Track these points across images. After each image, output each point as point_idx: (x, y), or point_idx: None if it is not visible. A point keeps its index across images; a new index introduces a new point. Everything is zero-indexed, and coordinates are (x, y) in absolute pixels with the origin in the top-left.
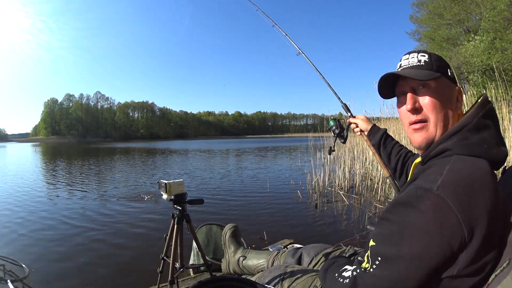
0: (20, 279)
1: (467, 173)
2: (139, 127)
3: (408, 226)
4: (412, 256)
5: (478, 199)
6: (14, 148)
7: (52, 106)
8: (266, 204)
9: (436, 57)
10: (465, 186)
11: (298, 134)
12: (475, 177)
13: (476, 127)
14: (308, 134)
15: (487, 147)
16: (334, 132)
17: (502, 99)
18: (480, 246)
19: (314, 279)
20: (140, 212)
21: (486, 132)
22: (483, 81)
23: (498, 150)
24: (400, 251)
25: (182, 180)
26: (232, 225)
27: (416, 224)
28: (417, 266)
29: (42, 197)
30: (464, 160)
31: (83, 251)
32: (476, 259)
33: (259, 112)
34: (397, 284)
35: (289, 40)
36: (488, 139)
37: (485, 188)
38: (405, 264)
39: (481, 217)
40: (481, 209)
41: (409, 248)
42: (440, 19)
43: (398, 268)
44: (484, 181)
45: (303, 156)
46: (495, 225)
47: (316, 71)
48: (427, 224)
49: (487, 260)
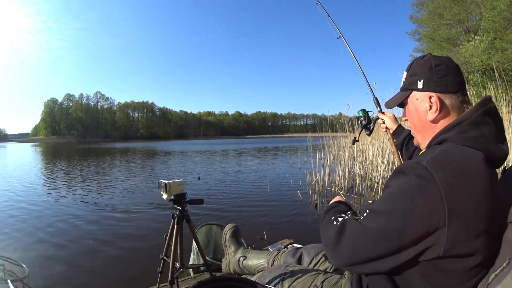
0: (20, 279)
1: (457, 156)
2: (139, 127)
3: (396, 188)
4: (394, 214)
5: (464, 181)
6: (14, 148)
7: (52, 106)
8: (266, 204)
9: (411, 71)
10: (453, 166)
11: (298, 134)
12: (465, 161)
13: (474, 123)
14: (307, 134)
15: (484, 141)
16: (361, 122)
17: (502, 99)
18: (465, 228)
19: (315, 278)
20: (140, 212)
21: (485, 129)
22: (483, 81)
23: (496, 146)
24: (386, 207)
25: (182, 180)
26: (233, 225)
27: (403, 188)
28: (397, 223)
29: (42, 197)
30: (457, 147)
31: (82, 251)
32: (461, 242)
33: (259, 112)
34: (378, 236)
35: (331, 21)
36: (486, 135)
37: (474, 174)
38: (387, 218)
39: (467, 199)
40: (467, 192)
41: (392, 206)
42: (440, 19)
43: (380, 221)
44: (474, 167)
45: (303, 156)
46: (484, 212)
47: (353, 58)
48: (411, 190)
49: (475, 247)
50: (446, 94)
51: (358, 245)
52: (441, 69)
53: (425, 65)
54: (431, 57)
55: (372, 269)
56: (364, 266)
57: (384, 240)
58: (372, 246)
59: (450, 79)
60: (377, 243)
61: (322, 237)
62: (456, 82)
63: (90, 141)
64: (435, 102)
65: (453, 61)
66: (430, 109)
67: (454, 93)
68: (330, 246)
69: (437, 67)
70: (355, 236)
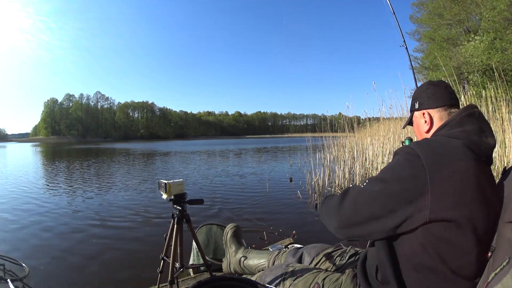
0: (20, 279)
1: (439, 141)
2: (139, 127)
3: (391, 163)
4: (390, 180)
5: (442, 159)
6: (14, 148)
7: (52, 106)
8: (266, 204)
9: (413, 97)
10: (433, 146)
11: (298, 134)
12: (443, 143)
13: (459, 122)
14: (307, 134)
15: (465, 135)
16: None
17: (502, 99)
18: (446, 194)
19: (316, 276)
20: (140, 212)
21: (468, 126)
22: (483, 81)
23: (479, 139)
24: (384, 175)
25: (182, 180)
26: (234, 225)
27: (395, 162)
28: (392, 186)
29: (42, 197)
30: (440, 137)
31: (83, 251)
32: (444, 208)
33: (259, 112)
34: (376, 195)
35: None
36: (468, 130)
37: (450, 151)
38: (384, 183)
39: (444, 170)
40: (444, 163)
41: (388, 174)
42: (440, 19)
43: (379, 185)
44: (451, 147)
45: (303, 156)
46: (464, 184)
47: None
48: (402, 162)
49: (459, 215)
50: (435, 109)
51: (359, 202)
52: (430, 90)
53: (420, 90)
54: (425, 83)
55: (370, 230)
56: (363, 227)
57: (382, 199)
58: (372, 203)
59: (437, 97)
60: (376, 201)
61: (325, 210)
62: (443, 98)
63: (90, 141)
64: (427, 116)
65: (443, 82)
66: (425, 123)
67: (442, 106)
68: (333, 209)
69: (428, 89)
70: (357, 195)
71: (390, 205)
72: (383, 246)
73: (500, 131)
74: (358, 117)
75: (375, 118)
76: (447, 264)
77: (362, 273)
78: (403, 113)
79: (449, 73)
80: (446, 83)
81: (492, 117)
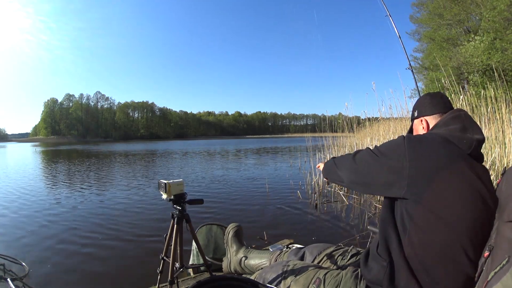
0: (20, 278)
1: (423, 135)
2: (139, 127)
3: (389, 142)
4: (382, 150)
5: (422, 148)
6: (14, 148)
7: (52, 106)
8: (266, 204)
9: (413, 107)
10: (417, 138)
11: (298, 134)
12: (427, 137)
13: (445, 123)
14: (306, 134)
15: (449, 132)
16: None
17: (502, 99)
18: (421, 172)
19: (317, 271)
20: (139, 212)
21: (453, 126)
22: (483, 81)
23: (462, 135)
24: (378, 147)
25: (182, 180)
26: (235, 225)
27: (388, 142)
28: (381, 156)
29: (42, 197)
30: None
31: (83, 251)
32: (419, 185)
33: (259, 112)
34: (373, 159)
35: None
36: (452, 129)
37: (429, 140)
38: (377, 150)
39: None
40: (422, 154)
41: (381, 147)
42: (440, 19)
43: (375, 150)
44: (431, 137)
45: (303, 156)
46: (438, 167)
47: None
48: (392, 143)
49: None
50: (431, 116)
51: (365, 160)
52: (427, 100)
53: (419, 100)
54: (424, 95)
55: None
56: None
57: (379, 160)
58: (374, 163)
59: (433, 105)
60: (375, 161)
61: (337, 163)
62: (438, 106)
63: (90, 141)
64: (424, 123)
65: (439, 93)
66: (423, 129)
67: (437, 113)
68: (348, 159)
69: (424, 100)
70: (367, 152)
71: (384, 165)
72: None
73: (500, 131)
74: (358, 117)
75: (375, 118)
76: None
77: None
78: (403, 113)
79: (448, 74)
80: (441, 93)
81: (492, 118)
